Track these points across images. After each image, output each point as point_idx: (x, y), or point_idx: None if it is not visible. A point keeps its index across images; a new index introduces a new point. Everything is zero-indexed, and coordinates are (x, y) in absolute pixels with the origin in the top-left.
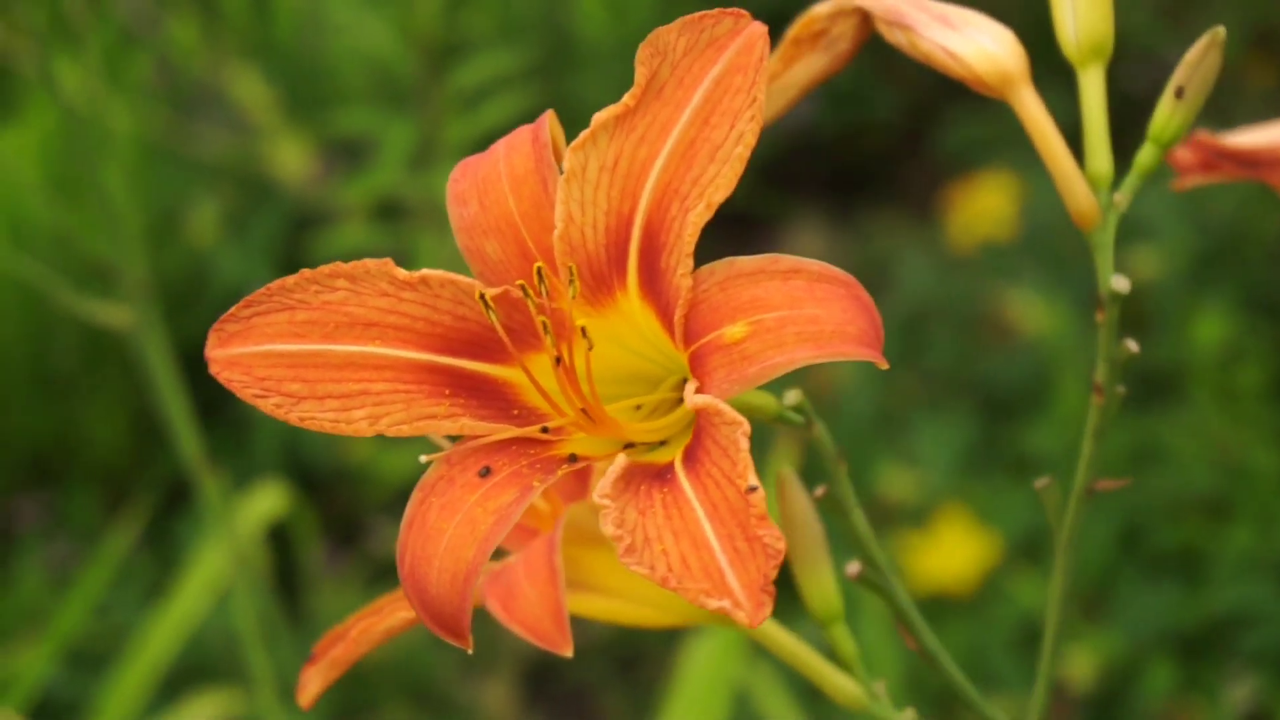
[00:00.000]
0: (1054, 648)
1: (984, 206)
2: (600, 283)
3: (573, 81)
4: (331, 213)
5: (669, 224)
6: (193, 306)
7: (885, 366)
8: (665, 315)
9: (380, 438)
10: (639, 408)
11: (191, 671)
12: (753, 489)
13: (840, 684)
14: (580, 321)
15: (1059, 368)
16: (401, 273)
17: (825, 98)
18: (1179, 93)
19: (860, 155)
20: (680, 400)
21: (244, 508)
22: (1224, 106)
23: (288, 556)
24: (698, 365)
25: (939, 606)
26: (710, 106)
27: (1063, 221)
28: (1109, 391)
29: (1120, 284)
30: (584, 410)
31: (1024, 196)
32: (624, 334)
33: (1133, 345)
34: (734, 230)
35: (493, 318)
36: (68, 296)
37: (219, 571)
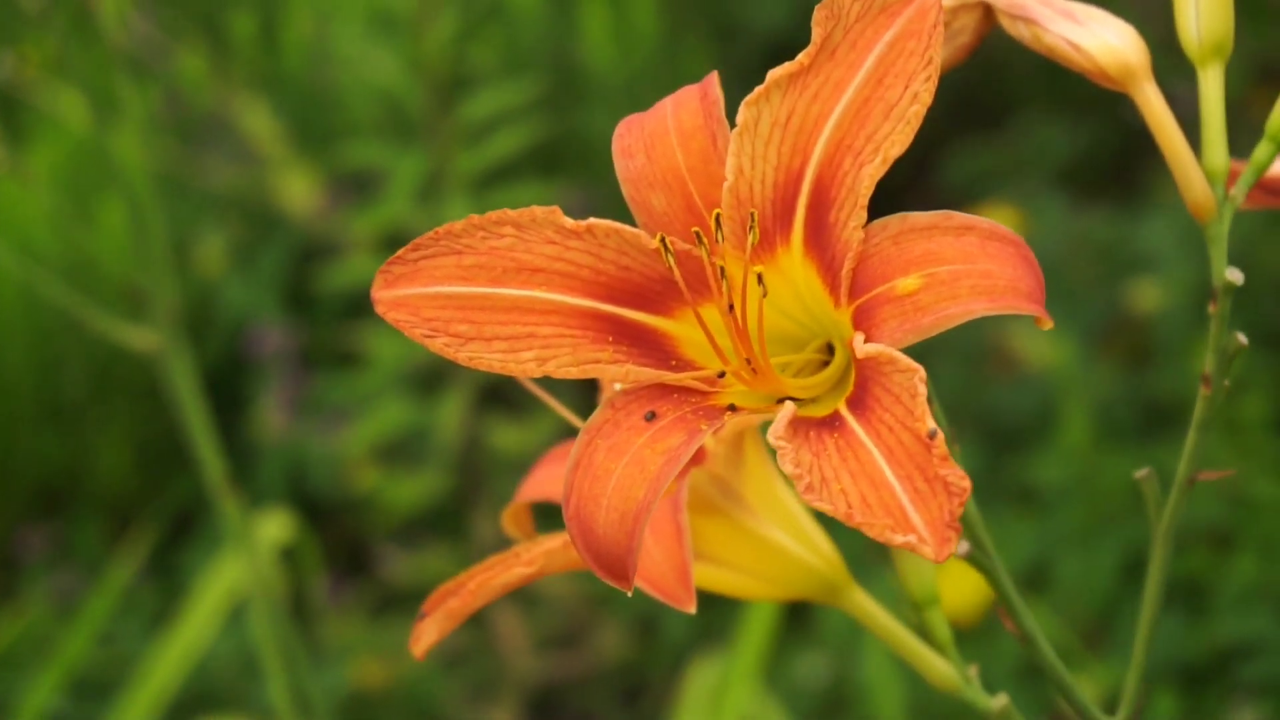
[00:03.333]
0: (1150, 630)
1: None
2: (763, 238)
3: (580, 114)
4: (339, 245)
5: (841, 179)
6: (200, 337)
7: (1050, 325)
8: (829, 269)
9: (386, 466)
10: (785, 368)
11: (199, 699)
12: (933, 433)
13: (936, 667)
14: (756, 269)
15: (1064, 400)
16: (568, 221)
17: None
18: None
19: None
20: (824, 363)
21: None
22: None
23: (292, 586)
24: (865, 317)
25: None
26: (884, 68)
27: (1068, 254)
28: (1217, 383)
29: (1234, 276)
30: (747, 360)
31: (1029, 228)
32: (778, 292)
33: (1242, 338)
34: None
35: (671, 262)
36: (100, 321)
37: (225, 597)
